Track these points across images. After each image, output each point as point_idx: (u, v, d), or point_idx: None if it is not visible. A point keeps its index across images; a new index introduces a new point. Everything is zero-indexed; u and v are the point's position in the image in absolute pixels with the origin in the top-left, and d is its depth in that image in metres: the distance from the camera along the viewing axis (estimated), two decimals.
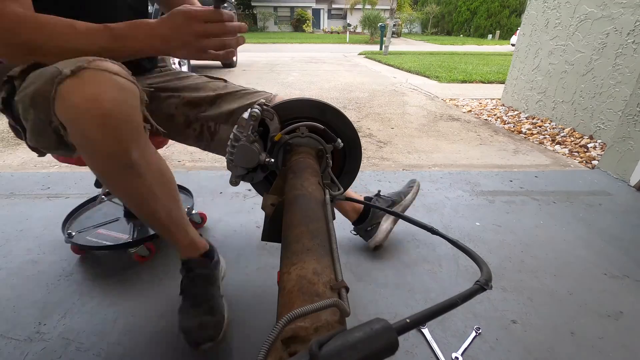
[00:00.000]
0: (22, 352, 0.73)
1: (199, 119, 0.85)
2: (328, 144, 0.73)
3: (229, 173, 0.72)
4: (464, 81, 4.83)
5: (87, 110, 0.50)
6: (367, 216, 1.07)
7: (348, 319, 0.31)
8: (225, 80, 0.95)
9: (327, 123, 0.74)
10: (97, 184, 1.08)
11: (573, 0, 2.43)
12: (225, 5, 0.59)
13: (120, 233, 1.04)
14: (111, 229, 1.07)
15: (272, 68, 5.96)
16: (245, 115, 0.68)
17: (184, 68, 3.74)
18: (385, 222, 1.08)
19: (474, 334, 0.80)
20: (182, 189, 1.29)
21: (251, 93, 0.89)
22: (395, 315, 0.86)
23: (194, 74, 0.96)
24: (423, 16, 29.11)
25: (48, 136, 0.55)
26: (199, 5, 0.81)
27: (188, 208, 1.16)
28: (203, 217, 1.23)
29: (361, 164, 0.85)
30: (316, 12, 31.69)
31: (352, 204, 1.07)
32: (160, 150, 0.76)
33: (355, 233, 1.11)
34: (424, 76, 5.36)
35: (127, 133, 0.55)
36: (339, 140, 0.72)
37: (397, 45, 14.43)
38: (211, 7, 0.60)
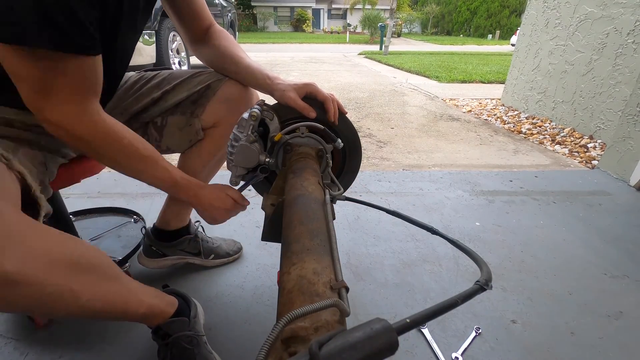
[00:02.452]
0: (22, 352, 0.73)
1: (140, 122, 0.80)
2: (328, 144, 0.73)
3: (228, 173, 0.72)
4: (464, 81, 4.83)
5: None
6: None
7: (348, 319, 0.31)
8: (169, 69, 0.88)
9: (327, 123, 0.74)
10: None
11: (573, 0, 2.43)
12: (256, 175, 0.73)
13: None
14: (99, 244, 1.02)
15: (272, 68, 5.96)
16: (245, 115, 0.68)
17: (184, 67, 3.73)
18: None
19: (474, 334, 0.80)
20: (131, 213, 1.19)
21: (199, 74, 0.82)
22: (395, 315, 0.86)
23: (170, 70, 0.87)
24: (423, 16, 29.12)
25: None
26: (207, 12, 0.80)
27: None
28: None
29: (361, 164, 0.85)
30: (316, 12, 31.70)
31: None
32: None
33: None
34: (424, 76, 5.36)
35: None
36: (339, 140, 0.72)
37: (397, 45, 14.43)
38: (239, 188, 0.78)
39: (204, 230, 1.03)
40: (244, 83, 0.81)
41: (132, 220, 1.17)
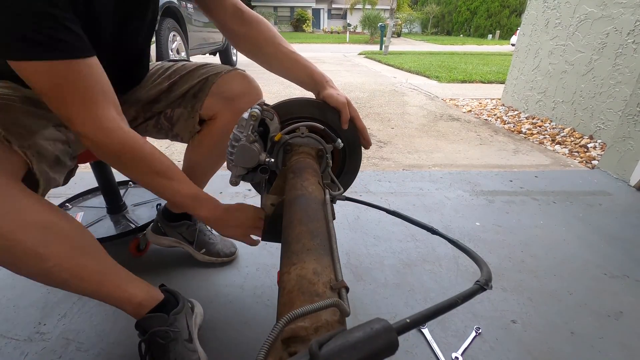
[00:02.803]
0: (22, 352, 0.73)
1: (153, 112, 0.83)
2: (328, 144, 0.73)
3: (228, 173, 0.72)
4: (464, 81, 4.83)
5: None
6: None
7: (348, 319, 0.31)
8: (187, 61, 0.90)
9: (327, 123, 0.74)
10: None
11: (573, 0, 2.43)
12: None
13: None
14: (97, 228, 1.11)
15: None
16: (245, 115, 0.68)
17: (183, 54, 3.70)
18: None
19: (474, 334, 0.80)
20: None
21: (203, 67, 0.84)
22: (395, 315, 0.86)
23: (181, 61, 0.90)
24: (423, 16, 29.11)
25: None
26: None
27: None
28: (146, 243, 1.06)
29: (361, 164, 0.85)
30: (316, 12, 31.71)
31: None
32: (164, 142, 0.76)
33: None
34: (424, 76, 5.36)
35: None
36: (339, 140, 0.72)
37: (397, 45, 14.42)
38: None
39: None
40: (272, 69, 0.82)
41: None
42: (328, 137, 0.72)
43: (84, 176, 1.35)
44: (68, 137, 0.63)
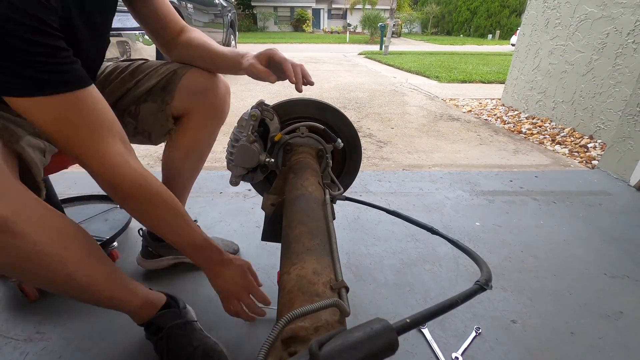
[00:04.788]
0: (22, 352, 0.73)
1: (117, 110, 0.77)
2: (328, 144, 0.73)
3: (229, 173, 0.72)
4: (464, 81, 4.83)
5: None
6: None
7: (348, 319, 0.31)
8: (146, 60, 0.87)
9: (327, 123, 0.74)
10: None
11: (573, 0, 2.43)
12: None
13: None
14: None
15: None
16: (246, 115, 0.68)
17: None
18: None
19: (474, 334, 0.80)
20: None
21: (168, 63, 0.83)
22: (395, 315, 0.86)
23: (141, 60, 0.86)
24: (423, 16, 29.11)
25: None
26: (176, 16, 0.79)
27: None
28: (114, 255, 1.01)
29: (361, 164, 0.85)
30: (316, 12, 31.69)
31: None
32: (159, 150, 0.75)
33: None
34: (424, 76, 5.36)
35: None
36: (339, 140, 0.72)
37: (397, 45, 14.42)
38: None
39: None
40: (219, 69, 0.80)
41: (119, 206, 1.20)
42: (328, 137, 0.72)
43: None
44: (45, 146, 0.62)
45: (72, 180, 1.52)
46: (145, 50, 3.02)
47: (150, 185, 0.59)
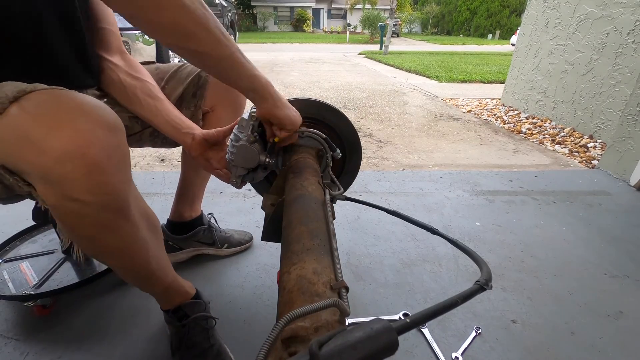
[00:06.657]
0: (22, 352, 0.73)
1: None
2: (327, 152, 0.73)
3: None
4: (464, 81, 4.83)
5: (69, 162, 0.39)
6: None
7: (348, 319, 0.31)
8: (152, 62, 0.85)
9: (328, 124, 0.74)
10: (36, 217, 0.89)
11: (573, 0, 2.43)
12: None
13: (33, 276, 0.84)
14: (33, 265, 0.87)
15: (272, 68, 5.95)
16: (245, 115, 0.67)
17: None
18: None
19: (474, 334, 0.80)
20: None
21: (182, 67, 0.81)
22: (395, 316, 0.86)
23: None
24: (423, 16, 29.11)
25: None
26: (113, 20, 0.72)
27: None
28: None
29: (361, 164, 0.85)
30: (316, 12, 31.70)
31: None
32: (160, 150, 0.75)
33: None
34: (424, 76, 5.36)
35: (120, 177, 0.44)
36: (338, 150, 0.72)
37: (397, 45, 14.42)
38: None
39: (216, 222, 1.06)
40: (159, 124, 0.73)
41: None
42: (329, 144, 0.72)
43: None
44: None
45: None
46: (145, 50, 3.02)
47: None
